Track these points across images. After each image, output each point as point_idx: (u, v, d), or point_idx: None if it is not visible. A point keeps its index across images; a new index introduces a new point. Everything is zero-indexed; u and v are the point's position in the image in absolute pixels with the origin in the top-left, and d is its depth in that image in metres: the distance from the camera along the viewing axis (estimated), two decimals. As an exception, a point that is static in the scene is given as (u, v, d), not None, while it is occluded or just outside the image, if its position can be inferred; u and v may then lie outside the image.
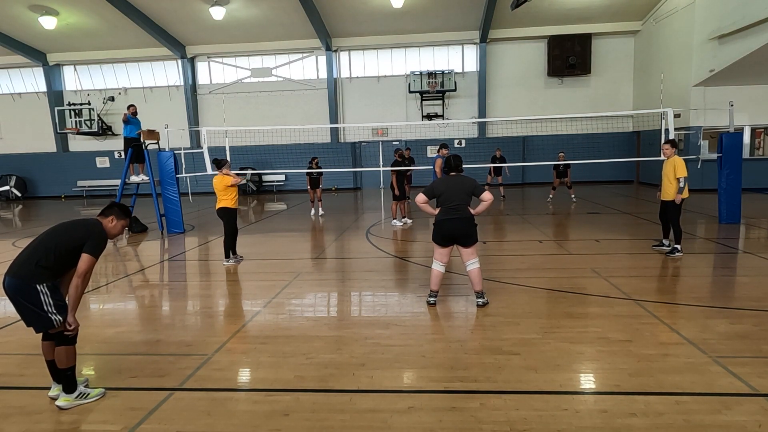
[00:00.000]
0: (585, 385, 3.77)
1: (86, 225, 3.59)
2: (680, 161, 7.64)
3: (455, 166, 5.53)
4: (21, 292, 3.36)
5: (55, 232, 3.53)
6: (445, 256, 5.52)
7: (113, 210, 3.72)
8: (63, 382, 3.52)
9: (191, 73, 23.27)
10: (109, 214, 3.71)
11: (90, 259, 3.44)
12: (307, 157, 15.43)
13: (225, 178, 7.88)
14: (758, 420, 3.10)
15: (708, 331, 4.57)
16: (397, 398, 3.52)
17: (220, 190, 7.91)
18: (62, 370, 3.50)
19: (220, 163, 8.05)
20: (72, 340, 3.52)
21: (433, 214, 5.50)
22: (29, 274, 3.35)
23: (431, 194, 5.41)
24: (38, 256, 3.40)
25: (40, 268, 3.37)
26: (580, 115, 20.03)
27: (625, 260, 7.70)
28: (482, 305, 5.42)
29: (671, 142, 8.01)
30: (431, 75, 21.44)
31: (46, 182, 24.29)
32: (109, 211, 3.72)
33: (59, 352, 3.48)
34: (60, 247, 3.43)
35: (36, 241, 3.50)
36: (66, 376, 3.51)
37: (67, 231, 3.53)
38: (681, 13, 17.49)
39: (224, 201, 7.93)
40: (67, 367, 3.50)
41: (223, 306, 6.08)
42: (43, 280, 3.37)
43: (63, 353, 3.48)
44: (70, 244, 3.44)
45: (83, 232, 3.51)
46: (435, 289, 5.58)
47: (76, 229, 3.54)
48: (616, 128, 21.05)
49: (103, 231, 3.63)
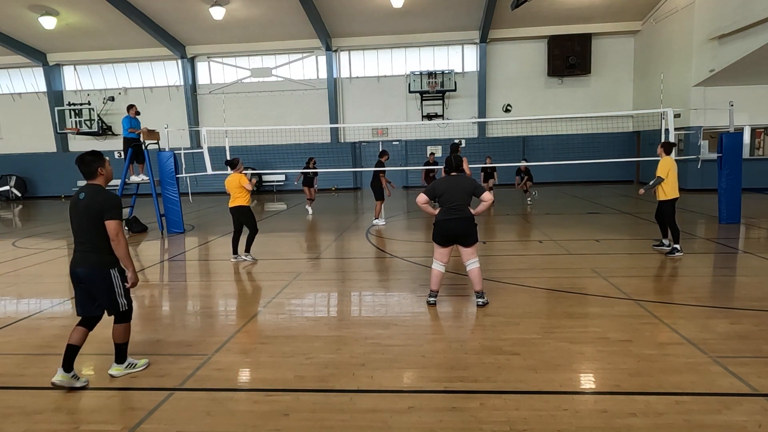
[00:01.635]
0: (585, 385, 3.77)
1: (94, 198, 3.75)
2: (663, 161, 7.75)
3: (456, 166, 5.53)
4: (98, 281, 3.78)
5: (84, 217, 3.75)
6: (446, 256, 5.53)
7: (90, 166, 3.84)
8: (117, 353, 4.01)
9: (191, 73, 23.27)
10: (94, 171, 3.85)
11: (115, 223, 3.76)
12: (308, 156, 15.44)
13: (242, 178, 7.95)
14: (758, 420, 3.10)
15: (708, 331, 4.57)
16: (397, 398, 3.51)
17: (234, 188, 7.95)
18: (118, 344, 4.00)
19: (234, 163, 8.12)
20: (128, 317, 3.97)
21: (433, 214, 5.51)
22: (96, 265, 3.76)
23: (432, 194, 5.41)
24: (87, 247, 3.76)
25: (101, 254, 3.76)
26: (580, 115, 20.04)
27: (625, 260, 7.70)
28: (482, 305, 5.42)
29: (663, 143, 8.02)
30: (431, 75, 21.44)
31: (46, 182, 24.28)
32: (90, 167, 3.84)
33: (117, 329, 3.96)
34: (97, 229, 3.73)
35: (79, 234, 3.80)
36: (121, 349, 4.01)
37: (88, 211, 3.73)
38: (681, 13, 17.49)
39: (239, 199, 7.97)
40: (123, 342, 4.00)
41: (223, 306, 6.08)
42: (114, 265, 3.82)
43: (121, 329, 3.97)
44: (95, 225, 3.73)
45: (99, 205, 3.72)
46: (435, 289, 5.58)
47: (92, 205, 3.72)
48: (616, 128, 21.04)
49: (108, 192, 3.85)
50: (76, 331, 3.84)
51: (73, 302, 6.28)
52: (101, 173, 3.88)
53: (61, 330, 5.20)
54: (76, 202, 3.80)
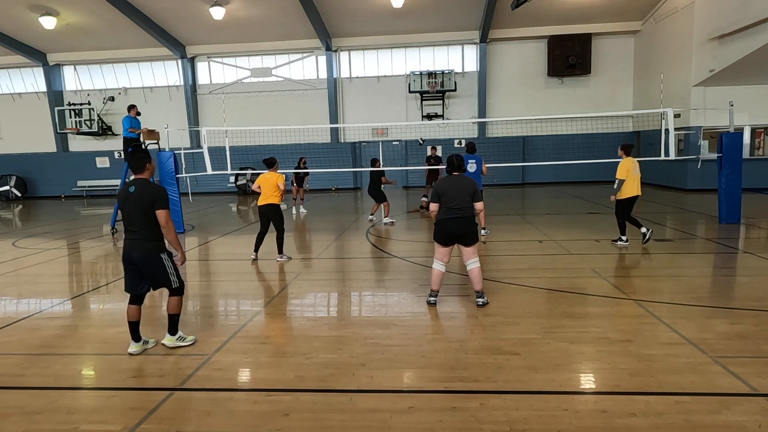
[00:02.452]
0: (585, 385, 3.77)
1: (145, 191, 4.23)
2: (622, 163, 8.25)
3: (458, 165, 5.54)
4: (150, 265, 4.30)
5: (135, 208, 4.21)
6: (446, 256, 5.53)
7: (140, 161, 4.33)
8: (170, 325, 4.50)
9: (191, 73, 23.26)
10: (143, 166, 4.35)
11: (165, 212, 4.26)
12: (308, 157, 15.45)
13: (280, 177, 8.05)
14: (758, 420, 3.10)
15: (708, 331, 4.57)
16: (397, 398, 3.52)
17: (271, 187, 7.99)
18: (172, 315, 4.49)
19: (273, 162, 8.24)
20: (181, 292, 4.50)
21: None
22: (150, 249, 4.26)
23: (437, 197, 5.43)
24: (142, 235, 4.23)
25: (152, 241, 4.26)
26: (580, 115, 20.03)
27: (625, 260, 7.70)
28: (482, 305, 5.42)
29: (623, 145, 8.54)
30: (431, 75, 21.44)
31: (46, 182, 24.28)
32: (140, 162, 4.33)
33: (172, 301, 4.47)
34: (148, 218, 4.21)
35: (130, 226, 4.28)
36: (173, 321, 4.50)
37: (140, 202, 4.20)
38: (681, 13, 17.49)
39: (273, 197, 8.02)
40: (176, 313, 4.50)
41: (223, 306, 6.08)
42: (162, 250, 4.34)
43: (175, 302, 4.48)
44: (147, 214, 4.22)
45: (150, 197, 4.21)
46: (436, 288, 5.58)
47: (144, 197, 4.20)
48: (616, 128, 21.03)
49: (157, 186, 4.34)
50: (130, 309, 4.41)
51: (72, 302, 6.29)
52: (148, 168, 4.38)
53: (61, 330, 5.21)
54: (127, 194, 4.26)
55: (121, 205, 4.32)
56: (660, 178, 19.74)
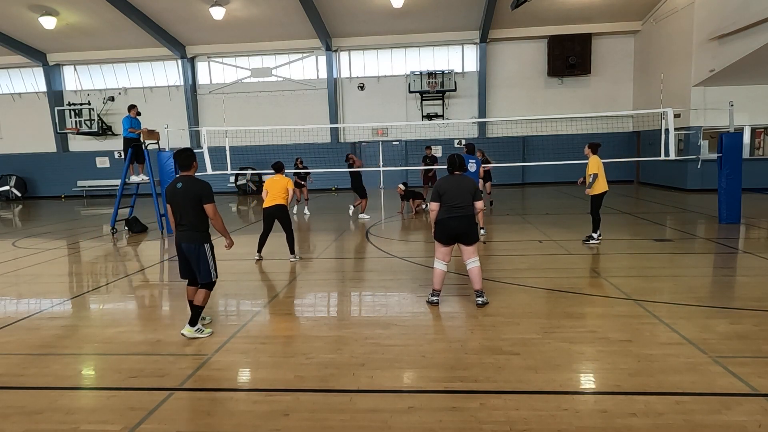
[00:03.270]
0: (585, 385, 3.77)
1: (192, 187, 4.60)
2: (593, 160, 8.67)
3: (460, 165, 5.55)
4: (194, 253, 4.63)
5: (183, 202, 4.58)
6: (448, 255, 5.54)
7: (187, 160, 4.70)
8: (192, 315, 4.67)
9: (191, 73, 23.26)
10: (190, 164, 4.72)
11: (213, 205, 4.65)
12: (308, 157, 15.44)
13: (290, 181, 8.20)
14: (758, 420, 3.10)
15: (708, 331, 4.57)
16: (397, 398, 3.52)
17: (281, 189, 8.09)
18: (197, 306, 4.68)
19: (280, 167, 8.37)
20: (212, 287, 4.76)
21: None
22: (197, 241, 4.62)
23: (438, 196, 5.42)
24: (190, 226, 4.60)
25: (199, 232, 4.63)
26: (580, 115, 20.02)
27: (625, 260, 7.70)
28: (482, 305, 5.42)
29: (590, 144, 8.87)
30: (431, 75, 21.44)
31: (46, 182, 24.28)
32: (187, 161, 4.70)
33: (201, 293, 4.69)
34: (196, 211, 4.59)
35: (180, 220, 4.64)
36: (197, 312, 4.69)
37: (187, 197, 4.57)
38: (681, 13, 17.49)
39: (281, 199, 8.11)
40: (201, 305, 4.69)
41: (223, 306, 6.07)
42: (207, 241, 4.68)
43: (204, 294, 4.70)
44: (197, 206, 4.59)
45: (197, 191, 4.59)
46: (438, 288, 5.59)
47: (191, 192, 4.58)
48: (616, 128, 21.04)
49: (202, 181, 4.71)
50: (189, 291, 4.83)
51: (72, 302, 6.29)
52: (194, 165, 4.76)
53: (61, 330, 5.21)
54: (174, 190, 4.62)
55: (170, 200, 4.68)
56: (660, 178, 19.74)
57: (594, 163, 8.63)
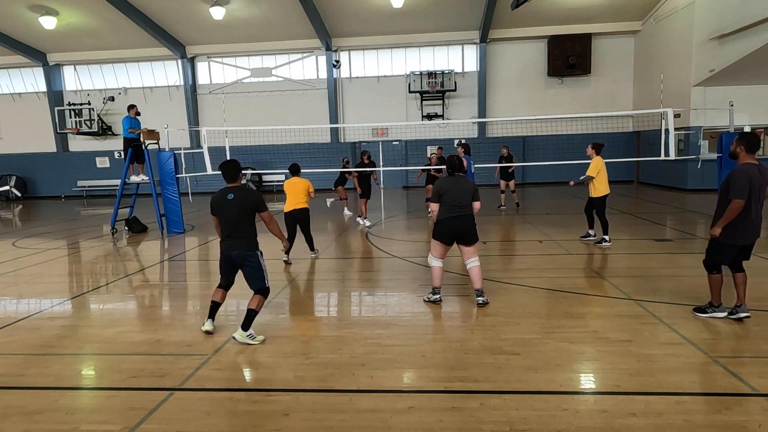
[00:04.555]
0: (585, 385, 3.77)
1: (246, 197, 4.71)
2: (595, 161, 8.59)
3: (459, 165, 5.59)
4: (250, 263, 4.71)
5: (237, 212, 4.66)
6: (445, 253, 5.57)
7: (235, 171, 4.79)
8: (246, 319, 4.68)
9: (191, 73, 23.26)
10: (237, 174, 4.82)
11: (268, 213, 4.82)
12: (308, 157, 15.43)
13: (309, 183, 8.19)
14: (758, 420, 3.10)
15: (708, 331, 4.57)
16: (397, 398, 3.52)
17: (301, 192, 8.09)
18: (251, 310, 4.68)
19: (297, 169, 8.36)
20: (266, 294, 4.80)
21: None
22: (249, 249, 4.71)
23: (438, 196, 5.46)
24: (242, 235, 4.68)
25: (248, 242, 4.72)
26: (580, 115, 20.01)
27: (625, 260, 7.70)
28: (482, 304, 5.43)
29: (594, 144, 8.86)
30: (431, 75, 21.44)
31: (46, 182, 24.28)
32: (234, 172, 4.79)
33: (256, 299, 4.72)
34: (248, 221, 4.71)
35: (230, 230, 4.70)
36: (250, 317, 4.67)
37: (241, 207, 4.67)
38: (681, 13, 17.49)
39: (304, 203, 8.14)
40: (256, 309, 4.70)
41: (222, 306, 6.06)
42: (256, 247, 4.77)
43: (258, 300, 4.73)
44: (250, 215, 4.72)
45: (251, 201, 4.71)
46: (438, 285, 5.62)
47: (245, 202, 4.68)
48: (616, 128, 21.03)
49: (254, 191, 4.95)
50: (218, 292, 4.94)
51: (72, 302, 6.29)
52: (240, 177, 4.88)
53: (61, 330, 5.21)
54: (225, 201, 4.68)
55: (218, 210, 4.75)
56: (660, 178, 19.74)
57: (594, 166, 8.58)
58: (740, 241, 4.71)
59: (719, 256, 4.83)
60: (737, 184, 4.49)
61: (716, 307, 4.93)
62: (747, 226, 4.64)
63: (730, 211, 4.55)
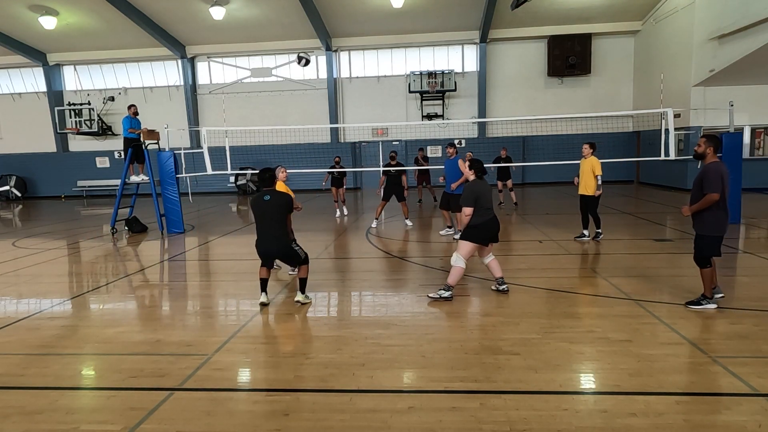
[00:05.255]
0: (585, 385, 3.77)
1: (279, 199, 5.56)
2: (597, 161, 8.86)
3: (483, 169, 5.87)
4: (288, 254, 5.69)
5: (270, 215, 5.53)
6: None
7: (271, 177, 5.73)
8: (301, 286, 5.80)
9: (191, 73, 23.26)
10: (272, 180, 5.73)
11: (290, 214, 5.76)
12: (308, 156, 15.42)
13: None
14: (758, 420, 3.10)
15: (708, 331, 4.57)
16: (397, 398, 3.52)
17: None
18: (302, 279, 5.77)
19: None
20: (307, 261, 5.81)
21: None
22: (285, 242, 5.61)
23: (474, 200, 5.59)
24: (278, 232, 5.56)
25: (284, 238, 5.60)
26: (580, 115, 20.01)
27: (625, 260, 7.69)
28: (506, 291, 5.86)
29: (590, 143, 9.07)
30: (431, 75, 21.43)
31: (46, 182, 24.28)
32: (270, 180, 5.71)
33: (303, 269, 5.78)
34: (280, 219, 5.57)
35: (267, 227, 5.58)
36: (303, 283, 5.79)
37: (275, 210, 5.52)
38: (681, 13, 17.49)
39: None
40: (305, 276, 5.79)
41: (223, 306, 6.08)
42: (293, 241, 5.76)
43: (305, 268, 5.79)
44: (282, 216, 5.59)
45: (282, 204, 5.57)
46: (454, 284, 5.73)
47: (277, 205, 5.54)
48: (616, 128, 21.04)
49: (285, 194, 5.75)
50: (263, 270, 5.75)
51: (72, 302, 6.29)
52: (275, 182, 5.77)
53: (61, 330, 5.21)
54: (263, 201, 5.52)
55: (255, 209, 5.59)
56: (660, 178, 19.74)
57: (598, 164, 8.87)
58: (722, 231, 5.09)
59: (712, 249, 5.10)
60: (713, 180, 4.91)
61: (709, 299, 5.16)
62: (725, 216, 5.07)
63: (705, 202, 4.96)
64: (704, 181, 4.96)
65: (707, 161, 5.08)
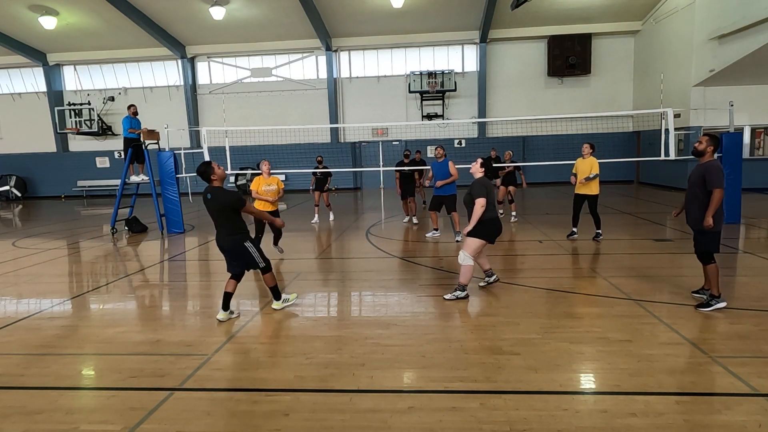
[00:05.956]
0: (585, 385, 3.77)
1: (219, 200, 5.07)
2: (596, 162, 9.08)
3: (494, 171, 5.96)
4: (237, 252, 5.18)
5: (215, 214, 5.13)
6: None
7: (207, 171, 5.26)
8: (273, 294, 5.51)
9: (191, 73, 23.27)
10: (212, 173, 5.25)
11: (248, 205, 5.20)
12: (307, 157, 15.40)
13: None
14: (758, 420, 3.10)
15: (708, 331, 4.57)
16: (397, 398, 3.51)
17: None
18: (271, 288, 5.45)
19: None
20: (269, 269, 5.36)
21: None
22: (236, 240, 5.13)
23: (487, 194, 5.67)
24: (227, 230, 5.12)
25: (235, 235, 5.13)
26: (580, 115, 20.03)
27: (625, 260, 7.69)
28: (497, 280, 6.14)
29: (591, 144, 9.27)
30: (431, 75, 21.44)
31: (46, 182, 24.29)
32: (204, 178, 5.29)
33: (267, 278, 5.37)
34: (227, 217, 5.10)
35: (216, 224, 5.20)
36: (274, 291, 5.49)
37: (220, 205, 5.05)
38: (681, 13, 17.49)
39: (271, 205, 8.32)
40: (273, 285, 5.44)
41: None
42: (245, 239, 5.17)
43: (269, 277, 5.38)
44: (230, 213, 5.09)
45: (224, 204, 5.05)
46: (467, 283, 5.76)
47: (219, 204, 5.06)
48: (616, 128, 21.05)
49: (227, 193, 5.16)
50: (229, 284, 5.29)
51: (72, 302, 6.29)
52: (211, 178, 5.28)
53: (61, 330, 5.21)
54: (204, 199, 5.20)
55: (205, 205, 5.30)
56: (660, 178, 19.74)
57: (596, 165, 9.06)
58: (722, 225, 5.15)
59: (715, 244, 5.14)
60: (718, 176, 4.97)
61: (717, 298, 5.14)
62: (722, 212, 5.12)
63: (717, 201, 4.96)
64: (708, 177, 4.99)
65: (705, 160, 5.14)
